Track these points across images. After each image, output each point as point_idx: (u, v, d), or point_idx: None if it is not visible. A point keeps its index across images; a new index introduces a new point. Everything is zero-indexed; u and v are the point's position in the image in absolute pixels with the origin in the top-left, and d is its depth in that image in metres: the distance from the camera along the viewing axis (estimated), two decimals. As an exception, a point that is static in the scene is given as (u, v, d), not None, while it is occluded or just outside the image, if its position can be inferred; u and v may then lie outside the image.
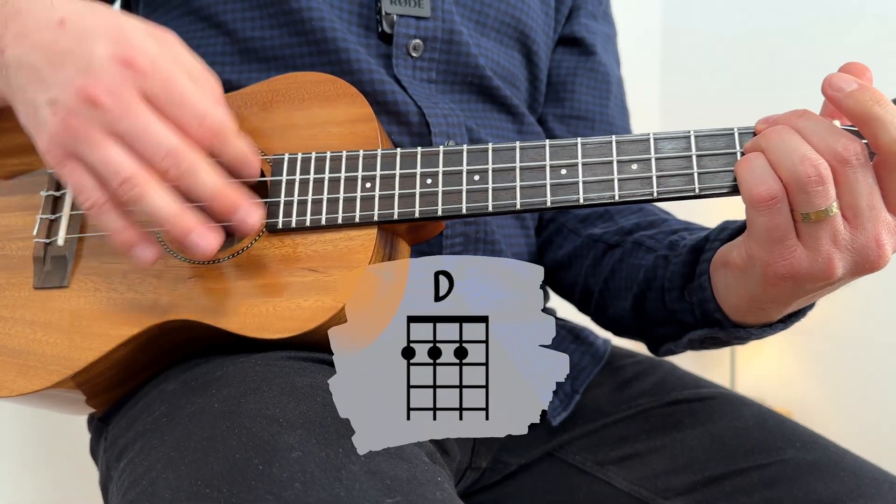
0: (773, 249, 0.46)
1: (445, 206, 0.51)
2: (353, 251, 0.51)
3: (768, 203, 0.45)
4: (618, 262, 0.67)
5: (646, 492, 0.63)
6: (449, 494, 0.41)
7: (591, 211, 0.74)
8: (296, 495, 0.37)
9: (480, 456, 0.70)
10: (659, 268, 0.62)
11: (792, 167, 0.44)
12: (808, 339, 2.02)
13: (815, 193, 0.44)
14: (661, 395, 0.70)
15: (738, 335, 0.56)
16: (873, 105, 0.43)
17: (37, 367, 0.53)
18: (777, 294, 0.49)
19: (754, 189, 0.45)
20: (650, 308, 0.63)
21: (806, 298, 0.50)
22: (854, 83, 0.44)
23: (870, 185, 0.44)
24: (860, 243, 0.45)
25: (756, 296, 0.50)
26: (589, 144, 0.51)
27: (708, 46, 2.29)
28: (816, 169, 0.43)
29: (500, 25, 0.71)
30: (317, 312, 0.49)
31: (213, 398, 0.46)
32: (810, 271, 0.45)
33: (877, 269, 0.46)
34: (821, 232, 0.45)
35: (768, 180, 0.45)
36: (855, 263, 0.45)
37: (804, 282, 0.46)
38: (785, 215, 0.45)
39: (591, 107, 0.78)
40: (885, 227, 0.45)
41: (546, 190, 0.50)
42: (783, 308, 0.51)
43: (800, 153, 0.44)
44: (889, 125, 0.43)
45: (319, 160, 0.54)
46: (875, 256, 0.45)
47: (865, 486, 0.57)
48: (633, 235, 0.68)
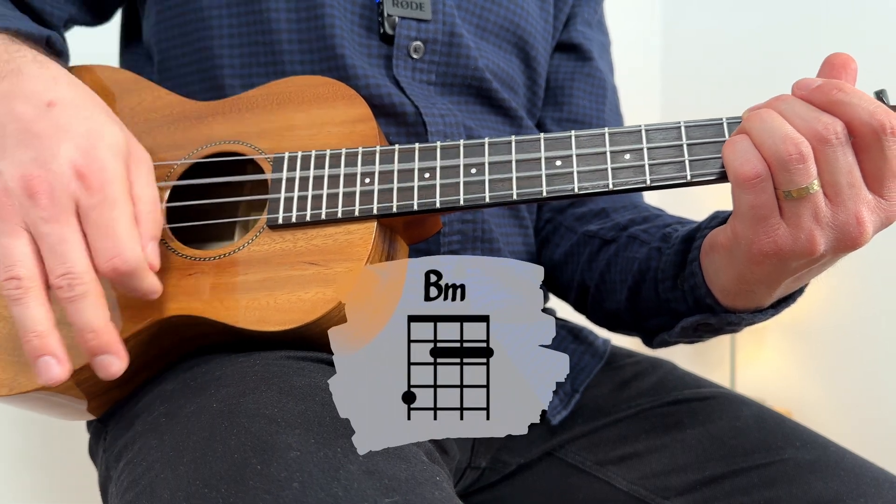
0: (758, 227, 0.47)
1: (443, 199, 0.52)
2: (352, 244, 0.51)
3: (753, 181, 0.46)
4: (613, 256, 0.68)
5: (645, 491, 0.63)
6: (447, 494, 0.41)
7: (587, 209, 0.75)
8: (294, 495, 0.37)
9: (480, 455, 0.70)
10: (653, 259, 0.63)
11: (774, 146, 0.45)
12: (808, 339, 2.02)
13: (796, 171, 0.45)
14: (660, 395, 0.70)
15: (730, 320, 0.56)
16: (836, 93, 0.45)
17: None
18: (763, 273, 0.49)
19: (739, 168, 0.46)
20: (645, 299, 0.63)
21: (793, 279, 0.51)
22: (818, 81, 0.46)
23: (850, 163, 0.45)
24: (841, 220, 0.46)
25: (743, 275, 0.51)
26: (582, 136, 0.52)
27: (708, 46, 2.29)
28: (797, 147, 0.44)
29: (499, 30, 0.71)
30: (317, 304, 0.49)
31: (212, 398, 0.46)
32: (793, 248, 0.46)
33: (858, 245, 0.46)
34: (802, 209, 0.46)
35: (752, 160, 0.46)
36: (836, 240, 0.46)
37: (788, 259, 0.47)
38: (769, 193, 0.46)
39: (588, 111, 0.79)
40: (866, 205, 0.45)
41: (542, 180, 0.51)
42: (771, 290, 0.52)
43: (781, 133, 0.45)
44: (855, 106, 0.44)
45: (319, 157, 0.54)
46: (856, 233, 0.46)
47: (865, 486, 0.57)
48: (629, 230, 0.68)
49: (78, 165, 0.46)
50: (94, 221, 0.46)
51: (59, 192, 0.45)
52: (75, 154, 0.46)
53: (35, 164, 0.46)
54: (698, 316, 0.57)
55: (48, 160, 0.46)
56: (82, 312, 0.46)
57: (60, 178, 0.46)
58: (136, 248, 0.47)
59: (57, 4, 0.67)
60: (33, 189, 0.45)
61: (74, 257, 0.45)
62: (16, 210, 0.46)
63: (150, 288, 0.49)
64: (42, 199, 0.45)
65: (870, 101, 0.45)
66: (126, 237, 0.47)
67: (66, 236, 0.45)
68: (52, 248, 0.45)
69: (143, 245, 0.48)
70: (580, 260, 0.72)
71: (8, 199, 0.46)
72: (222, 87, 0.65)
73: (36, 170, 0.46)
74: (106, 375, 0.47)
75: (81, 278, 0.45)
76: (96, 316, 0.46)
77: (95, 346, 0.46)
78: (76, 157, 0.46)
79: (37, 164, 0.46)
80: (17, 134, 0.47)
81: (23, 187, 0.45)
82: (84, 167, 0.46)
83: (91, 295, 0.46)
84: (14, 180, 0.46)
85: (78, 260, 0.45)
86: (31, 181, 0.45)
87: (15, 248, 0.45)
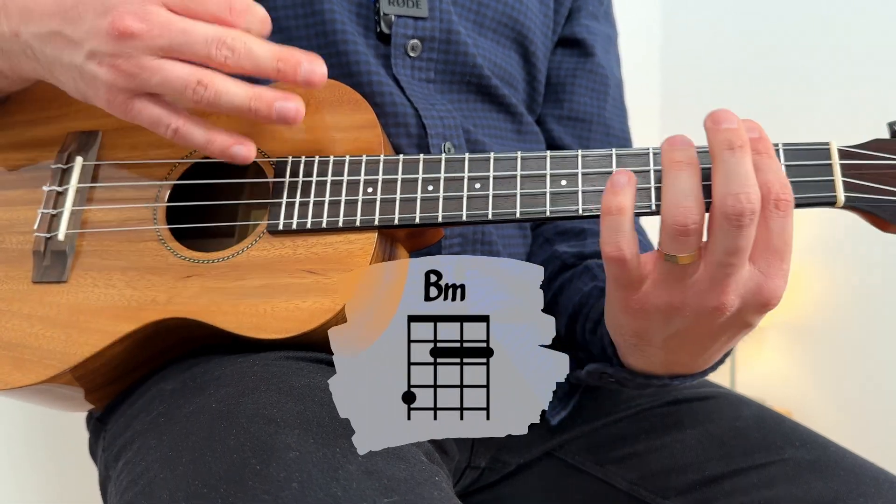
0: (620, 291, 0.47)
1: (446, 213, 0.51)
2: (352, 254, 0.51)
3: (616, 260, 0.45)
4: (567, 282, 0.69)
5: (645, 491, 0.63)
6: (446, 494, 0.41)
7: (570, 226, 0.75)
8: (293, 495, 0.37)
9: (479, 455, 0.70)
10: (592, 297, 0.63)
11: (666, 210, 0.44)
12: (808, 339, 2.02)
13: (678, 242, 0.44)
14: (660, 395, 0.70)
15: (624, 375, 0.56)
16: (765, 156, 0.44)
17: (32, 360, 0.53)
18: (636, 326, 0.49)
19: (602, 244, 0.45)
20: (577, 333, 0.64)
21: (677, 342, 0.50)
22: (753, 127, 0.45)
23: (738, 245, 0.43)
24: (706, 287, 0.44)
25: (620, 325, 0.51)
26: (589, 156, 0.51)
27: (708, 46, 2.29)
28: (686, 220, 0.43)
29: (497, 25, 0.71)
30: (315, 314, 0.49)
31: (211, 398, 0.46)
32: (657, 305, 0.46)
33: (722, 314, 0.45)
34: (673, 269, 0.45)
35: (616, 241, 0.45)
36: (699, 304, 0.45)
37: (651, 314, 0.47)
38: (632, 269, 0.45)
39: (589, 108, 0.78)
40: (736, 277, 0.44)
41: (546, 199, 0.50)
42: (651, 347, 0.51)
43: (675, 201, 0.44)
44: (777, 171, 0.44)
45: (322, 163, 0.54)
46: (717, 303, 0.45)
47: (865, 486, 0.57)
48: (588, 261, 0.69)
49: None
50: (184, 3, 0.46)
51: (139, 10, 0.45)
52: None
53: (100, 17, 0.46)
54: (598, 364, 0.58)
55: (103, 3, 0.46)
56: (258, 55, 0.47)
57: (126, 2, 0.46)
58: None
59: None
60: (122, 30, 0.45)
61: (203, 30, 0.46)
62: (135, 55, 0.46)
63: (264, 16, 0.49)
64: (136, 29, 0.45)
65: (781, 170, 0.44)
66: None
67: (182, 27, 0.46)
68: (186, 45, 0.46)
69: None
70: None
71: (121, 58, 0.46)
72: None
73: (105, 19, 0.46)
74: (319, 78, 0.49)
75: (227, 36, 0.46)
76: (268, 48, 0.47)
77: (293, 62, 0.48)
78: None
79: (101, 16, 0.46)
80: (65, 21, 0.47)
81: (116, 38, 0.45)
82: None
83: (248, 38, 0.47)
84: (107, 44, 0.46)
85: (208, 30, 0.46)
86: (114, 28, 0.45)
87: (170, 73, 0.46)
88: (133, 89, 0.47)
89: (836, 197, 0.47)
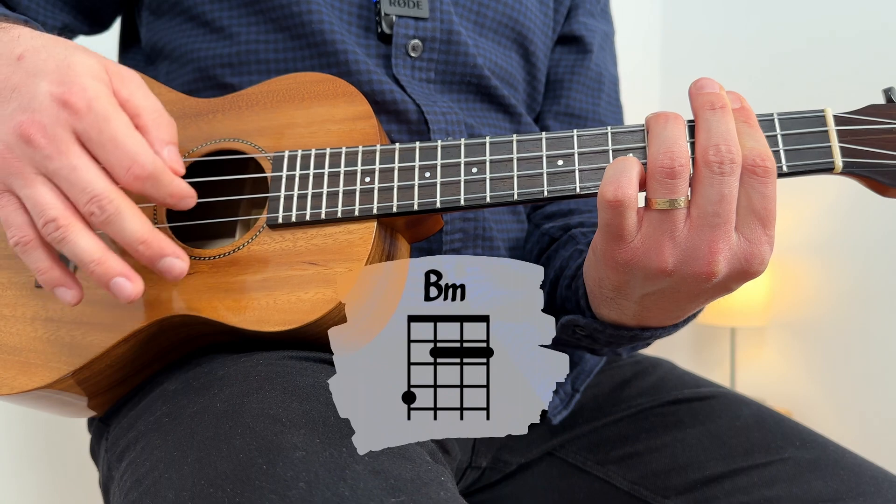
0: (611, 242, 0.47)
1: (444, 198, 0.51)
2: (352, 244, 0.51)
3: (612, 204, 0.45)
4: (553, 253, 0.69)
5: (646, 491, 0.64)
6: (452, 494, 0.41)
7: (557, 209, 0.75)
8: (300, 495, 0.37)
9: (481, 455, 0.70)
10: (572, 258, 0.63)
11: (653, 155, 0.45)
12: (808, 339, 2.02)
13: (664, 184, 0.45)
14: (660, 395, 0.70)
15: (595, 327, 0.57)
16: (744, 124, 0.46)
17: (38, 364, 0.54)
18: (617, 279, 0.49)
19: (602, 188, 0.46)
20: (558, 295, 0.64)
21: (653, 299, 0.50)
22: (736, 99, 0.47)
23: (724, 194, 0.44)
24: (693, 244, 0.45)
25: (601, 279, 0.51)
26: (585, 135, 0.51)
27: (708, 46, 2.29)
28: (672, 162, 0.44)
29: (497, 26, 0.71)
30: (317, 305, 0.49)
31: (216, 398, 0.46)
32: (643, 259, 0.46)
33: (709, 278, 0.45)
34: (662, 221, 0.45)
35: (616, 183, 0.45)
36: (686, 263, 0.45)
37: (635, 269, 0.47)
38: (627, 217, 0.46)
39: (585, 105, 0.79)
40: (725, 239, 0.45)
41: (543, 180, 0.51)
42: (628, 302, 0.51)
43: (666, 146, 0.45)
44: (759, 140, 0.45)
45: (319, 156, 0.54)
46: (705, 262, 0.45)
47: (865, 485, 0.57)
48: (572, 230, 0.69)
49: (57, 95, 0.46)
50: (95, 141, 0.46)
51: (50, 127, 0.46)
52: (52, 87, 0.47)
53: (20, 112, 0.46)
54: (571, 316, 0.58)
55: (30, 103, 0.46)
56: (123, 228, 0.46)
57: (46, 113, 0.46)
58: (147, 153, 0.47)
59: (50, 13, 0.68)
60: (27, 134, 0.46)
61: (90, 178, 0.46)
62: (22, 161, 0.46)
63: (179, 191, 0.49)
64: (39, 140, 0.46)
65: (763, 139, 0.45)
66: (132, 144, 0.47)
67: (75, 163, 0.46)
68: (68, 181, 0.46)
69: (158, 150, 0.48)
70: (532, 254, 0.73)
71: (12, 154, 0.46)
72: (224, 87, 0.65)
73: (22, 116, 0.46)
74: (175, 277, 0.48)
75: (107, 197, 0.46)
76: (138, 226, 0.47)
77: (150, 254, 0.47)
78: (53, 89, 0.47)
79: (21, 111, 0.46)
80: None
81: (18, 136, 0.46)
82: (64, 94, 0.46)
83: (124, 209, 0.46)
84: (9, 135, 0.46)
85: (95, 181, 0.46)
86: (22, 128, 0.46)
87: (39, 196, 0.46)
88: (5, 185, 0.47)
89: (833, 163, 0.48)
